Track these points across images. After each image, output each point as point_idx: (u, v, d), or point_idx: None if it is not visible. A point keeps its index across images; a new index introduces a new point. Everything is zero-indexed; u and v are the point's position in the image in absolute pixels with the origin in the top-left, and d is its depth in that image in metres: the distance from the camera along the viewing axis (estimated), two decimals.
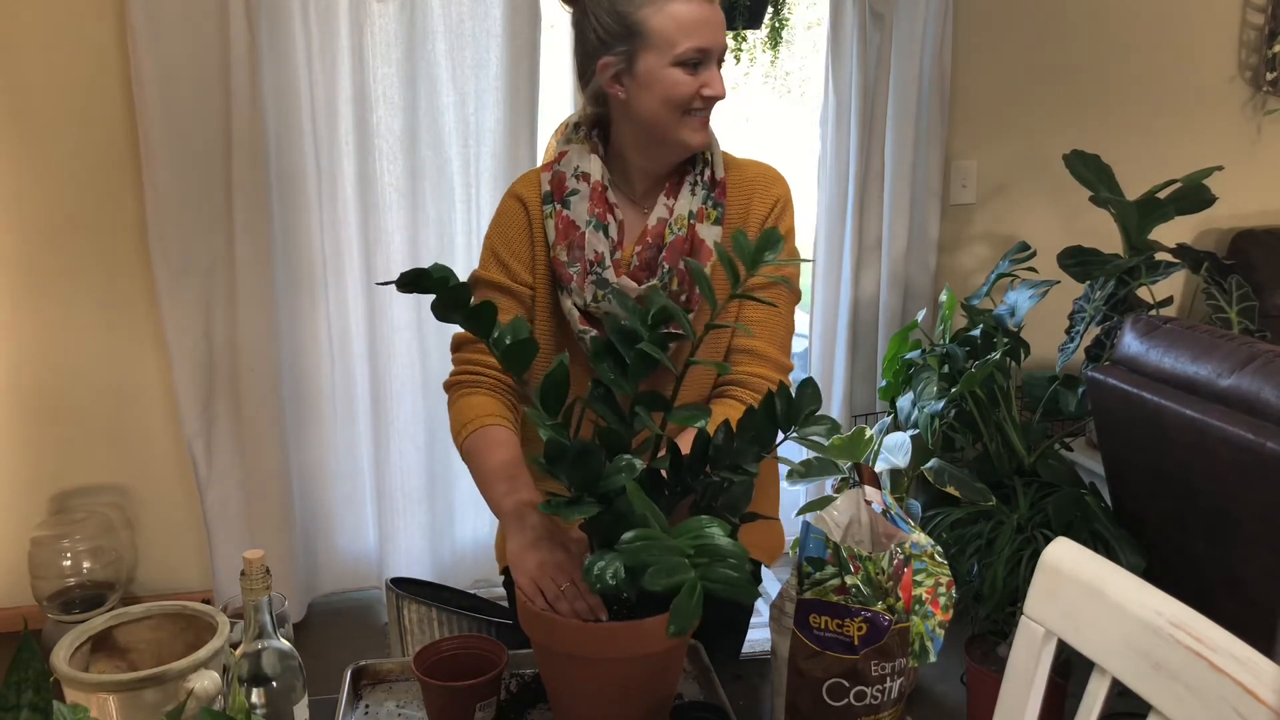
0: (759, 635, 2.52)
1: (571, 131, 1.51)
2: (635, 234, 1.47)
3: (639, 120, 1.43)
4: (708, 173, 1.48)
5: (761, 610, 2.52)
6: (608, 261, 1.43)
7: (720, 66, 1.41)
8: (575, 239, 1.44)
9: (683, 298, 1.45)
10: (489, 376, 1.49)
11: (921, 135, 2.95)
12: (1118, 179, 2.69)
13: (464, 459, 1.44)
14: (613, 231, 1.45)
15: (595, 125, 1.50)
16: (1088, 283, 2.65)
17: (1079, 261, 2.64)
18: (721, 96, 1.41)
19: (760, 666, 1.42)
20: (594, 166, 1.47)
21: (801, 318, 4.84)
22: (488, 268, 1.51)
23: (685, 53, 1.37)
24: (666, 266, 1.44)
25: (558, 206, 1.46)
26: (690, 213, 1.45)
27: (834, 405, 3.06)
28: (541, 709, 1.29)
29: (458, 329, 1.33)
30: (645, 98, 1.40)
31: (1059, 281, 2.64)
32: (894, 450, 2.56)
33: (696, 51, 1.37)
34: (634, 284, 1.43)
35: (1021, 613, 1.03)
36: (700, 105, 1.40)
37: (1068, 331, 2.67)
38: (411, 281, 1.04)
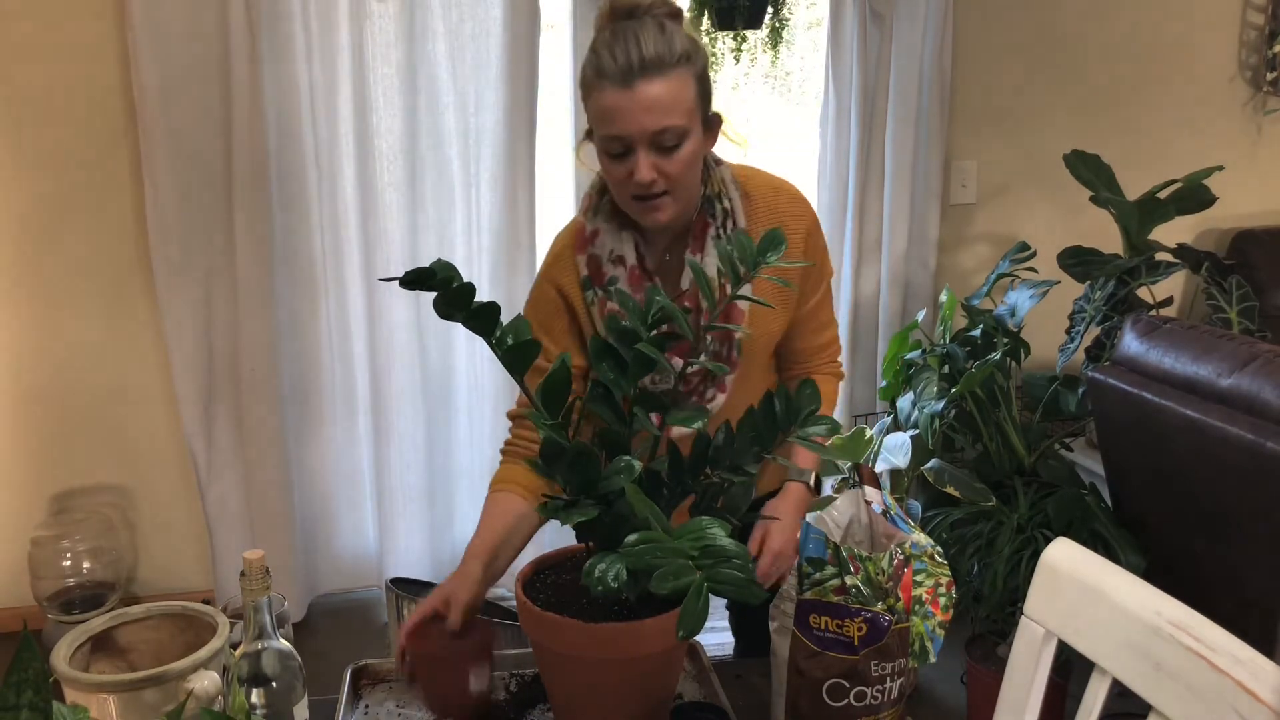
0: None
1: (599, 200, 1.49)
2: (672, 295, 1.46)
3: None
4: (729, 223, 1.45)
5: None
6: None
7: (668, 146, 1.34)
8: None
9: (723, 352, 1.47)
10: (529, 449, 1.49)
11: (921, 135, 2.95)
12: (1118, 179, 2.69)
13: None
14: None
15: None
16: (1088, 283, 2.65)
17: (1079, 261, 2.65)
18: (644, 182, 1.34)
19: (760, 666, 1.42)
20: (627, 248, 1.46)
21: None
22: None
23: (605, 142, 1.37)
24: (709, 339, 1.45)
25: (599, 293, 1.47)
26: (719, 271, 1.40)
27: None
28: (541, 709, 1.29)
29: (516, 399, 1.55)
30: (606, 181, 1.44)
31: (1059, 281, 2.64)
32: (894, 450, 2.56)
33: (612, 140, 1.35)
34: (679, 360, 1.39)
35: (1021, 613, 1.03)
36: (638, 192, 1.37)
37: (1068, 331, 2.67)
38: (415, 279, 1.04)
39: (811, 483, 1.47)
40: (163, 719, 0.87)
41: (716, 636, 2.37)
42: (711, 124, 1.42)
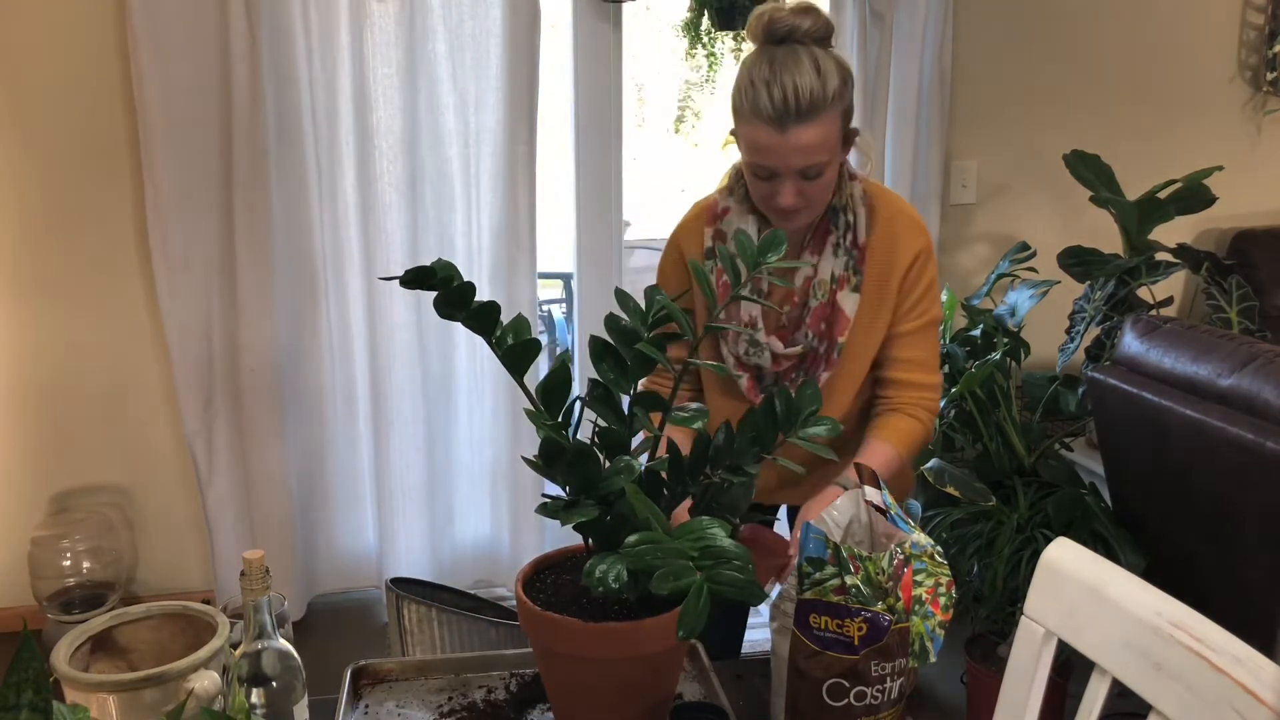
0: (759, 635, 2.52)
1: (734, 181, 1.57)
2: (782, 288, 1.57)
3: None
4: (850, 236, 1.54)
5: (761, 610, 2.52)
6: (760, 324, 1.55)
7: (811, 176, 1.44)
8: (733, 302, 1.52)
9: (821, 350, 1.55)
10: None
11: (921, 135, 2.95)
12: (1118, 179, 2.69)
13: None
14: (764, 287, 1.56)
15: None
16: (1088, 283, 2.65)
17: (1079, 261, 2.65)
18: (788, 208, 1.45)
19: (760, 666, 1.42)
20: (752, 230, 1.55)
21: None
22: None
23: (753, 166, 1.46)
24: (810, 334, 1.55)
25: (718, 265, 1.55)
26: (832, 276, 1.53)
27: None
28: (541, 709, 1.29)
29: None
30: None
31: (1059, 281, 2.64)
32: None
33: (761, 168, 1.45)
34: (780, 344, 1.54)
35: (1021, 613, 1.03)
36: (778, 208, 1.47)
37: (1068, 331, 2.68)
38: (415, 279, 1.04)
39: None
40: (163, 719, 0.87)
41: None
42: (849, 137, 1.50)
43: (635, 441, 1.16)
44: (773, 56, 1.41)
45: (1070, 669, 1.91)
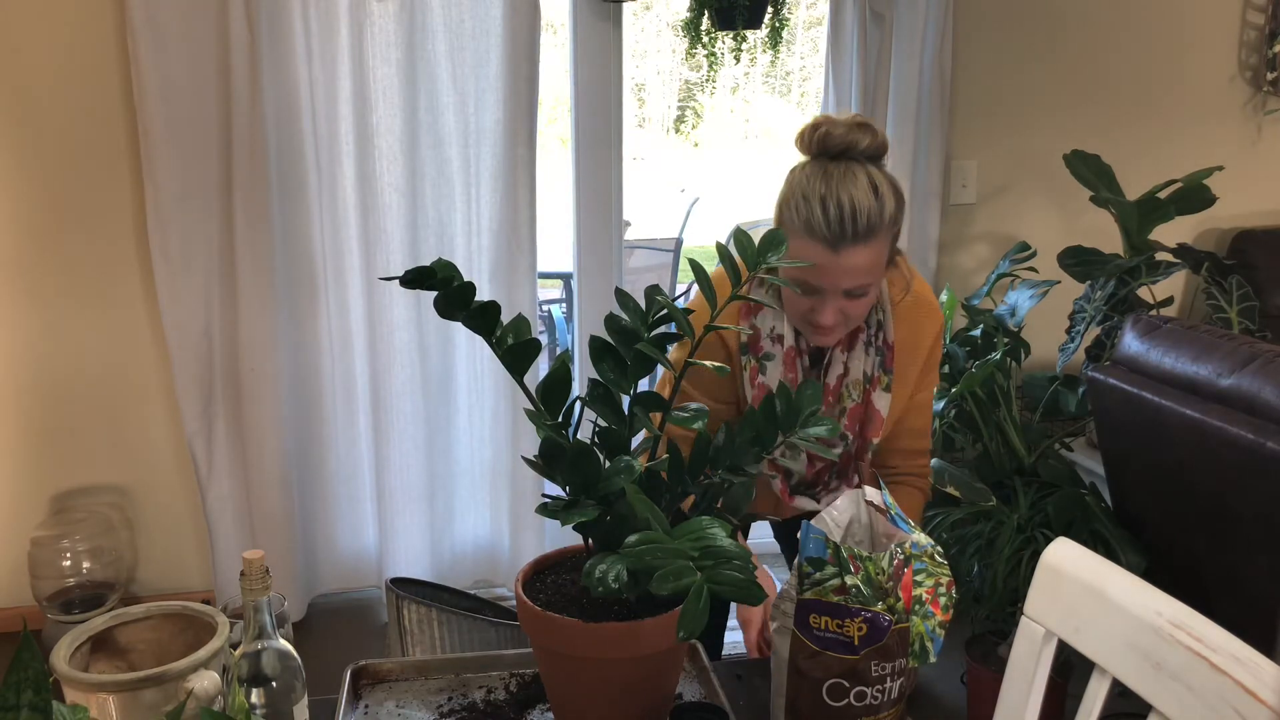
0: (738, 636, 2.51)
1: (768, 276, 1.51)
2: (818, 379, 1.55)
3: None
4: (880, 336, 1.54)
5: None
6: None
7: (855, 295, 1.41)
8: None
9: (854, 449, 1.58)
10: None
11: (921, 135, 2.95)
12: (1118, 179, 2.70)
13: None
14: None
15: None
16: (1088, 283, 2.65)
17: (1079, 261, 2.65)
18: (828, 326, 1.42)
19: (760, 666, 1.42)
20: (787, 330, 1.52)
21: None
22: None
23: (795, 280, 1.42)
24: (850, 436, 1.56)
25: (753, 361, 1.54)
26: (865, 375, 1.53)
27: None
28: (541, 709, 1.29)
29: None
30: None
31: (1059, 281, 2.64)
32: None
33: (805, 285, 1.41)
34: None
35: (1021, 613, 1.03)
36: (814, 323, 1.44)
37: (1068, 331, 2.68)
38: (415, 279, 1.04)
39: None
40: (163, 719, 0.87)
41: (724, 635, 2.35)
42: (891, 258, 1.48)
43: (634, 441, 1.16)
44: (828, 172, 1.37)
45: (1070, 669, 1.91)
